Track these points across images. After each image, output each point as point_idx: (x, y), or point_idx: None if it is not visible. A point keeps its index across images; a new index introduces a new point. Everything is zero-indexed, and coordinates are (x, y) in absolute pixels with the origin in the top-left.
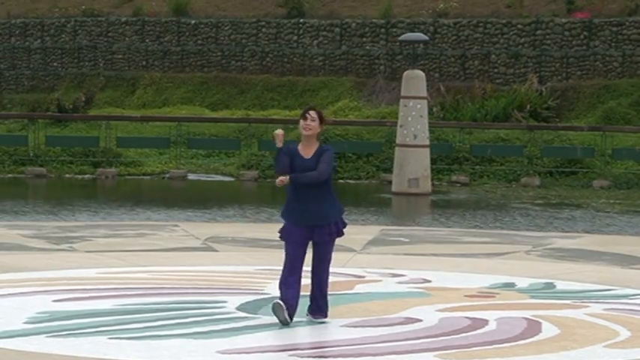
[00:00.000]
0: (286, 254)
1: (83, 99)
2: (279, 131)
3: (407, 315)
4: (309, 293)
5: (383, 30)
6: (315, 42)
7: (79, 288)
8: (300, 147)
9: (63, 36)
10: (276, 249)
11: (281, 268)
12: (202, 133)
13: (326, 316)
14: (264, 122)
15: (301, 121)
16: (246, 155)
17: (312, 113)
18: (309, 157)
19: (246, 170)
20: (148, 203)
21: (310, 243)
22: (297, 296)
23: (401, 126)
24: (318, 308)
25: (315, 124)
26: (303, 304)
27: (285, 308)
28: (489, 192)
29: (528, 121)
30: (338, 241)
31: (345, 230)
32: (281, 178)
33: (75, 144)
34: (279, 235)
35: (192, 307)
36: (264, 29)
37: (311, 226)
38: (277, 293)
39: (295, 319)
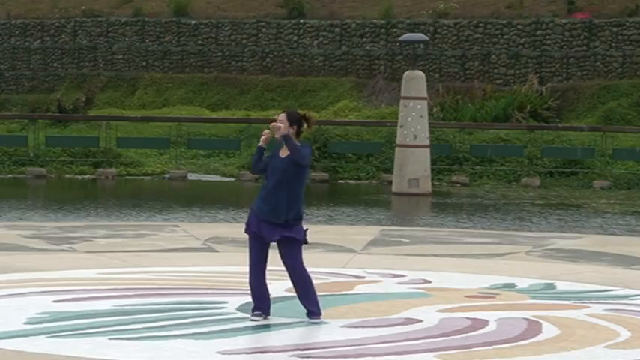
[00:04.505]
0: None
1: (83, 99)
2: (267, 132)
3: (407, 315)
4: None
5: (383, 30)
6: (316, 42)
7: (79, 288)
8: (281, 149)
9: (63, 36)
10: (277, 250)
11: (280, 269)
12: (202, 134)
13: (319, 316)
14: (265, 123)
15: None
16: (246, 155)
17: (281, 116)
18: (283, 157)
19: (246, 171)
20: (148, 204)
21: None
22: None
23: (401, 126)
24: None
25: (284, 125)
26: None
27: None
28: (489, 192)
29: (528, 121)
30: (338, 241)
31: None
32: (266, 131)
33: (75, 144)
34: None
35: (192, 308)
36: (264, 30)
37: (265, 222)
38: (278, 294)
39: (295, 319)
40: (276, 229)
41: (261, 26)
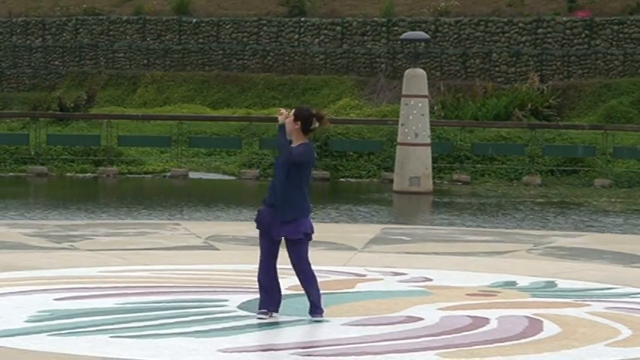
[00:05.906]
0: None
1: (84, 97)
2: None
3: (408, 313)
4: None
5: (384, 28)
6: (317, 40)
7: (80, 286)
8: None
9: (64, 34)
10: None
11: (282, 267)
12: (203, 132)
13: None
14: (266, 121)
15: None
16: (247, 154)
17: (292, 111)
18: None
19: (248, 169)
20: (149, 202)
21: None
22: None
23: (402, 124)
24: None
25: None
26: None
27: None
28: (490, 191)
29: (529, 119)
30: (339, 239)
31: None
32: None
33: (76, 143)
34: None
35: (193, 306)
36: (265, 28)
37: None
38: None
39: (297, 317)
40: (281, 227)
41: (262, 24)
